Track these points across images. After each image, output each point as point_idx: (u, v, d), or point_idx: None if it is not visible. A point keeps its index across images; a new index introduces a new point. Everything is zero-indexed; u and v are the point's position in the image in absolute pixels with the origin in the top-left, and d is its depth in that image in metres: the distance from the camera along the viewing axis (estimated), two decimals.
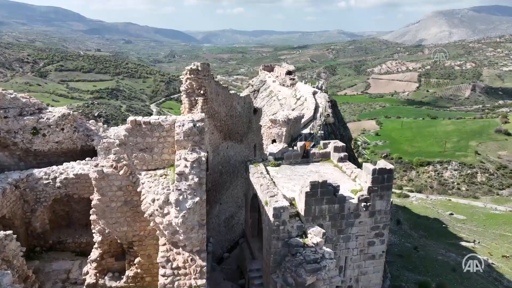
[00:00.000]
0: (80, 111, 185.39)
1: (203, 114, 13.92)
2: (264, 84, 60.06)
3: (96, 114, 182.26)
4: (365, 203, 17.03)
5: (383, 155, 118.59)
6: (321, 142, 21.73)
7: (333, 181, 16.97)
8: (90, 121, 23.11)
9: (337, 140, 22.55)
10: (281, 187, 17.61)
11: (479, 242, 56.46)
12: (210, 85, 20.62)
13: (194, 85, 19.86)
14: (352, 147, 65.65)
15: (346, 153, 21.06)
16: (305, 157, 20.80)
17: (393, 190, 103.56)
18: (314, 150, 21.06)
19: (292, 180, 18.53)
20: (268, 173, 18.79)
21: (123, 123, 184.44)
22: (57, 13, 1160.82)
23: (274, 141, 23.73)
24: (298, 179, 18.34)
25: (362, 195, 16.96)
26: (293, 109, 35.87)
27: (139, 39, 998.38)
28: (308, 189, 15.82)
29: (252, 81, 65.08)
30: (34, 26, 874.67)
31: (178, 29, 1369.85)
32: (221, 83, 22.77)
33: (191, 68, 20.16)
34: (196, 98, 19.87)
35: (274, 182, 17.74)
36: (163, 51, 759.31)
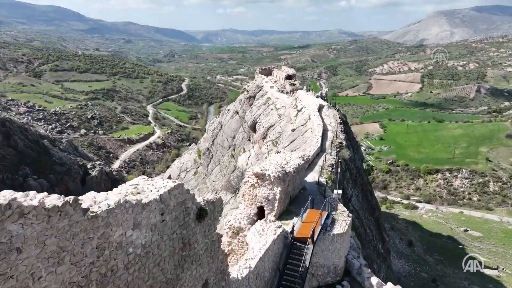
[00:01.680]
0: (73, 112, 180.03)
1: None
2: (260, 90, 53.65)
3: (89, 116, 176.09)
4: None
5: (389, 161, 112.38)
6: None
7: None
8: None
9: None
10: None
11: (503, 269, 50.24)
12: None
13: None
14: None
15: None
16: None
17: (400, 200, 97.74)
18: None
19: None
20: None
21: (117, 125, 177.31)
22: (57, 12, 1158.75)
23: (261, 210, 15.51)
24: None
25: None
26: (293, 130, 29.06)
27: (139, 38, 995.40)
28: None
29: (248, 86, 58.67)
30: (33, 25, 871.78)
31: (179, 28, 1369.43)
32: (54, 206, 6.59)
33: None
34: None
35: None
36: (162, 51, 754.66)
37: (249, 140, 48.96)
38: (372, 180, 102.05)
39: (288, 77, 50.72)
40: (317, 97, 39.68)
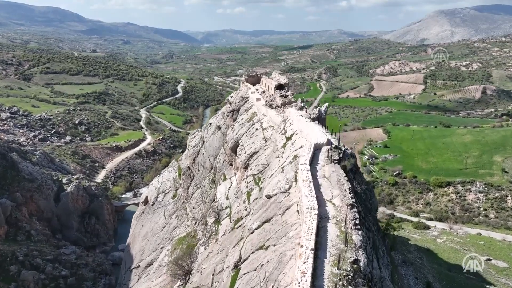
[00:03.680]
0: (59, 118, 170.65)
1: None
2: (245, 102, 44.29)
3: (76, 122, 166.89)
4: None
5: (395, 173, 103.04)
6: None
7: None
8: None
9: None
10: None
11: None
12: None
13: None
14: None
15: None
16: None
17: (408, 217, 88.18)
18: None
19: None
20: None
21: (106, 131, 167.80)
22: (56, 13, 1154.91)
23: None
24: None
25: None
26: (269, 197, 19.25)
27: (138, 39, 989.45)
28: None
29: (231, 98, 49.19)
30: (32, 26, 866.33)
31: (178, 29, 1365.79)
32: None
33: None
34: None
35: None
36: (161, 52, 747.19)
37: (231, 164, 39.86)
38: (378, 194, 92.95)
39: (279, 86, 41.39)
40: (313, 119, 29.79)
